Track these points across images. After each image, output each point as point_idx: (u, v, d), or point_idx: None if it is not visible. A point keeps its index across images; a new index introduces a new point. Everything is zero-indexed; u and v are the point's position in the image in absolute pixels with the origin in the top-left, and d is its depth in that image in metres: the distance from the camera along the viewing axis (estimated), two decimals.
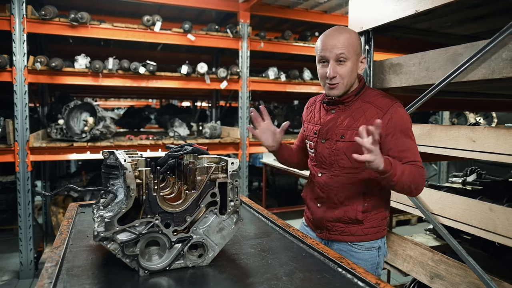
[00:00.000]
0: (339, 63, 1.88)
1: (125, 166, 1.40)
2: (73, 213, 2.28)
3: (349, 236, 1.99)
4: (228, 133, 6.09)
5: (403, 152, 1.83)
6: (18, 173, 4.64)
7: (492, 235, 1.97)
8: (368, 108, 1.91)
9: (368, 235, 1.98)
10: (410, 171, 1.75)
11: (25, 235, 4.73)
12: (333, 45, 1.87)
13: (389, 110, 1.86)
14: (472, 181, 3.48)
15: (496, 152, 1.92)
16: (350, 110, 1.96)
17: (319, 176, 2.04)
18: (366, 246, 1.99)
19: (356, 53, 1.91)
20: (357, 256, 1.98)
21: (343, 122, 1.95)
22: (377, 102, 1.91)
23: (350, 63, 1.89)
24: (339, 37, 1.88)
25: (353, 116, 1.93)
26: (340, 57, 1.87)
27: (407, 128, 1.87)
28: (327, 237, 2.06)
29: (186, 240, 1.49)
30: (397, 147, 1.83)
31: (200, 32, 5.49)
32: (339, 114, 1.99)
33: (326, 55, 1.89)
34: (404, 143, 1.84)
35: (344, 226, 1.99)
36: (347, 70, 1.89)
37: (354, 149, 1.79)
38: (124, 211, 1.38)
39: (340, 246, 2.02)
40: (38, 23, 4.63)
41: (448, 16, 2.55)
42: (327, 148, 1.99)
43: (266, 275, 1.44)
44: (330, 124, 1.99)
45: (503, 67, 1.88)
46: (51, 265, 1.46)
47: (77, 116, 5.18)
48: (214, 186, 1.53)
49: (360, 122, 1.88)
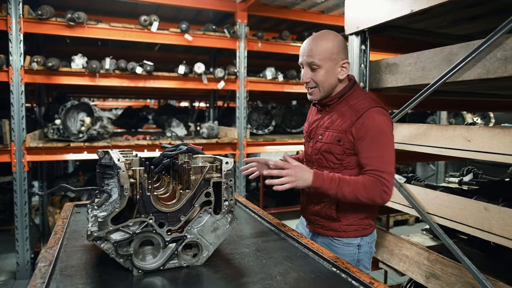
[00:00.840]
0: (313, 70, 1.94)
1: (118, 165, 1.40)
2: (68, 213, 2.27)
3: (329, 230, 2.07)
4: (225, 133, 6.09)
5: (368, 159, 1.86)
6: (15, 173, 4.63)
7: (488, 234, 1.97)
8: (346, 110, 1.94)
9: (346, 232, 2.03)
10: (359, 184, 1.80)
11: (22, 236, 4.72)
12: (305, 52, 1.94)
13: (363, 115, 1.87)
14: (469, 181, 3.48)
15: (491, 152, 1.92)
16: (332, 112, 2.02)
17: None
18: (345, 242, 2.05)
19: (331, 59, 1.92)
20: (336, 250, 2.04)
21: (325, 123, 2.02)
22: (357, 105, 1.93)
23: (323, 70, 1.92)
24: (313, 44, 1.92)
25: (332, 118, 1.99)
26: (312, 65, 1.93)
27: (378, 134, 1.86)
28: (312, 230, 2.17)
29: (180, 240, 1.49)
30: (364, 153, 1.87)
31: (198, 32, 5.49)
32: (324, 115, 2.06)
33: (300, 61, 1.98)
34: (371, 149, 1.86)
35: (324, 221, 2.08)
36: (319, 77, 1.93)
37: (328, 149, 1.94)
38: (117, 210, 1.37)
39: (323, 239, 2.11)
40: (35, 23, 4.61)
41: (443, 16, 2.56)
42: (311, 147, 2.09)
43: (260, 275, 1.44)
44: (315, 125, 2.09)
45: (498, 67, 1.89)
46: (45, 265, 1.46)
47: (74, 116, 5.17)
48: (208, 185, 1.53)
49: (337, 123, 1.95)
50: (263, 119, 6.59)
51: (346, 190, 1.79)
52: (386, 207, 2.79)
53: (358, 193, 1.80)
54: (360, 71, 2.80)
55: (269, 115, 6.60)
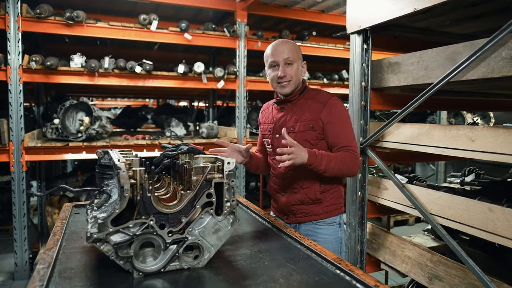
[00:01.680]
0: (287, 66, 2.24)
1: (118, 165, 1.37)
2: (67, 213, 2.25)
3: (312, 216, 2.29)
4: (225, 133, 6.07)
5: (339, 137, 2.18)
6: (13, 173, 4.60)
7: (492, 235, 1.95)
8: (310, 103, 2.26)
9: (329, 212, 2.29)
10: (339, 159, 2.10)
11: (20, 236, 4.69)
12: (281, 51, 2.23)
13: (328, 103, 2.21)
14: (470, 181, 3.46)
15: (496, 152, 1.90)
16: (296, 107, 2.30)
17: (279, 167, 2.20)
18: (328, 222, 2.30)
19: (299, 57, 2.29)
20: (322, 231, 2.29)
21: (292, 117, 2.28)
22: (317, 97, 2.27)
23: (295, 65, 2.25)
24: (285, 45, 2.26)
25: (299, 111, 2.27)
26: (288, 60, 2.23)
27: (343, 118, 2.23)
28: (294, 221, 2.33)
29: (181, 242, 1.47)
30: (334, 133, 2.19)
31: (197, 31, 5.46)
32: (288, 111, 2.32)
33: (277, 59, 2.24)
34: (340, 130, 2.19)
35: (306, 207, 2.28)
36: (294, 70, 2.25)
37: (303, 137, 2.20)
38: (117, 211, 1.35)
39: (306, 226, 2.31)
40: (33, 21, 4.59)
41: (446, 14, 2.53)
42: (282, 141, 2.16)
43: (263, 277, 1.41)
44: (282, 120, 2.32)
45: (503, 66, 1.86)
46: (43, 267, 1.43)
47: (72, 115, 5.14)
48: (210, 186, 1.50)
49: (307, 115, 2.23)
50: None
51: (332, 164, 2.06)
52: (388, 208, 2.77)
53: (341, 166, 2.10)
54: (362, 70, 2.78)
55: None
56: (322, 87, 6.41)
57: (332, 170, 2.08)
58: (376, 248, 2.89)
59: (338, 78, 6.70)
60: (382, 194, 2.76)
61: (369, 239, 2.95)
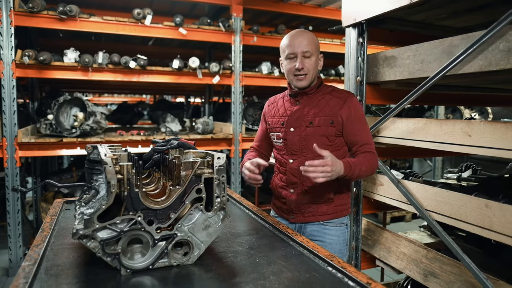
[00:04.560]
0: (306, 58, 2.14)
1: (105, 160, 1.34)
2: (58, 209, 2.22)
3: (321, 215, 2.21)
4: (221, 129, 6.03)
5: (358, 136, 2.14)
6: (7, 169, 4.55)
7: (488, 232, 1.92)
8: (329, 98, 2.19)
9: (338, 213, 2.23)
10: (366, 163, 2.05)
11: (14, 232, 4.66)
12: (300, 42, 2.13)
13: (348, 100, 2.16)
14: (467, 177, 3.44)
15: (493, 147, 1.87)
16: (314, 100, 2.21)
17: (291, 162, 2.22)
18: (336, 223, 2.24)
19: (318, 50, 2.20)
20: (329, 233, 2.22)
21: (310, 111, 2.19)
22: (335, 93, 2.20)
23: (314, 58, 2.16)
24: (304, 35, 2.16)
25: (318, 105, 2.18)
26: (306, 53, 2.13)
27: (361, 115, 2.19)
28: (300, 221, 2.24)
29: (170, 238, 1.43)
30: (354, 131, 2.14)
31: (192, 26, 5.41)
32: (304, 104, 2.22)
33: (295, 51, 2.14)
34: (359, 127, 2.15)
35: (316, 206, 2.20)
36: (312, 63, 2.15)
37: (321, 132, 2.13)
38: (104, 207, 1.32)
39: (313, 227, 2.23)
40: (26, 16, 4.53)
41: (443, 7, 2.50)
42: (297, 135, 2.19)
43: (253, 275, 1.38)
44: (298, 114, 2.21)
45: (500, 59, 1.83)
46: (29, 264, 1.41)
47: (67, 111, 5.10)
48: (199, 181, 1.47)
49: (326, 109, 2.16)
50: (259, 115, 6.52)
51: (362, 170, 2.03)
52: (384, 204, 2.74)
53: (367, 170, 2.06)
54: (357, 64, 2.74)
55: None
56: None
57: (360, 175, 2.05)
58: (371, 245, 2.86)
59: (335, 73, 6.67)
60: (378, 190, 2.73)
61: (364, 235, 2.92)
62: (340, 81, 6.62)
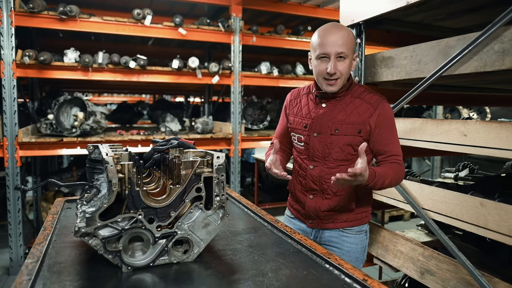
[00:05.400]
0: (339, 60, 1.92)
1: (106, 160, 1.36)
2: (59, 208, 2.24)
3: (341, 222, 2.09)
4: (220, 128, 6.05)
5: (387, 145, 1.97)
6: (7, 168, 4.58)
7: (483, 230, 1.95)
8: (358, 103, 1.99)
9: (358, 220, 2.11)
10: (392, 175, 1.90)
11: (15, 231, 4.68)
12: (335, 42, 1.89)
13: (379, 106, 1.97)
14: (465, 176, 3.46)
15: (487, 146, 1.90)
16: (341, 104, 2.02)
17: (311, 168, 2.07)
18: (356, 231, 2.12)
19: (353, 50, 1.97)
20: (348, 240, 2.10)
21: (337, 116, 2.00)
22: (366, 98, 2.00)
23: (348, 60, 1.94)
24: (340, 33, 1.91)
25: (346, 110, 1.99)
26: (341, 55, 1.91)
27: (392, 123, 2.01)
28: (319, 226, 2.13)
29: (170, 236, 1.46)
30: (382, 140, 1.97)
31: (192, 26, 5.43)
32: (331, 108, 2.03)
33: (328, 51, 1.90)
34: (389, 136, 1.98)
35: (336, 214, 2.08)
36: (346, 66, 1.94)
37: (347, 141, 1.97)
38: (105, 206, 1.34)
39: (331, 233, 2.11)
40: (26, 16, 4.55)
41: (440, 8, 2.52)
42: (321, 141, 2.03)
43: (251, 272, 1.41)
44: (324, 118, 2.03)
45: (495, 60, 1.86)
46: (32, 261, 1.43)
47: (67, 111, 5.12)
48: (199, 180, 1.49)
49: (353, 117, 1.97)
50: (258, 114, 6.55)
51: (386, 182, 1.87)
52: (381, 203, 2.77)
53: (392, 181, 1.90)
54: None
55: (264, 110, 6.56)
56: None
57: (382, 186, 1.88)
58: (369, 243, 2.89)
59: None
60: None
61: None
62: None
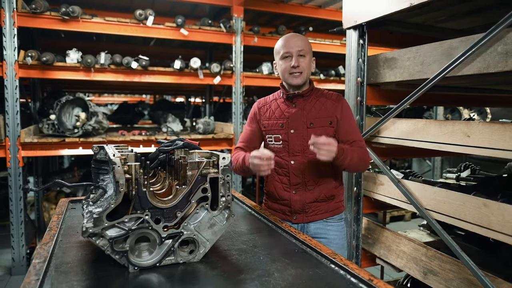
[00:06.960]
0: (300, 57, 2.25)
1: (114, 160, 1.37)
2: (64, 208, 2.25)
3: (324, 213, 2.31)
4: (221, 129, 6.06)
5: (350, 134, 2.26)
6: (10, 168, 4.59)
7: (487, 230, 1.96)
8: (324, 100, 2.31)
9: (338, 209, 2.35)
10: (358, 153, 2.17)
11: (17, 231, 4.69)
12: (295, 42, 2.26)
13: (340, 101, 2.30)
14: (466, 177, 3.47)
15: (491, 147, 1.91)
16: (310, 103, 2.31)
17: (292, 163, 2.28)
18: (337, 219, 2.35)
19: (311, 52, 2.31)
20: (332, 229, 2.32)
21: (309, 113, 2.29)
22: (328, 96, 2.33)
23: (308, 58, 2.28)
24: (299, 37, 2.30)
25: (315, 107, 2.29)
26: (301, 52, 2.24)
27: (352, 114, 2.34)
28: (304, 220, 2.31)
29: (176, 236, 1.47)
30: (346, 130, 2.27)
31: (193, 27, 5.44)
32: (302, 107, 2.31)
33: (290, 50, 2.25)
34: (351, 126, 2.29)
35: (320, 204, 2.29)
36: (307, 62, 2.27)
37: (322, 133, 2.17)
38: (113, 206, 1.35)
39: (316, 225, 2.32)
40: (29, 17, 4.56)
41: (442, 9, 2.53)
42: (298, 136, 2.28)
43: (257, 271, 1.42)
44: (297, 115, 2.29)
45: (498, 61, 1.87)
46: (39, 261, 1.43)
47: (69, 111, 5.13)
48: (205, 181, 1.50)
49: (323, 111, 2.28)
50: None
51: (355, 158, 2.13)
52: (384, 203, 2.78)
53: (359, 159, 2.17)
54: (358, 65, 2.78)
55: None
56: (319, 82, 6.41)
57: (351, 163, 2.13)
58: (371, 243, 2.90)
59: (335, 73, 6.69)
60: (378, 190, 2.77)
61: (364, 234, 2.96)
62: (340, 81, 6.65)
